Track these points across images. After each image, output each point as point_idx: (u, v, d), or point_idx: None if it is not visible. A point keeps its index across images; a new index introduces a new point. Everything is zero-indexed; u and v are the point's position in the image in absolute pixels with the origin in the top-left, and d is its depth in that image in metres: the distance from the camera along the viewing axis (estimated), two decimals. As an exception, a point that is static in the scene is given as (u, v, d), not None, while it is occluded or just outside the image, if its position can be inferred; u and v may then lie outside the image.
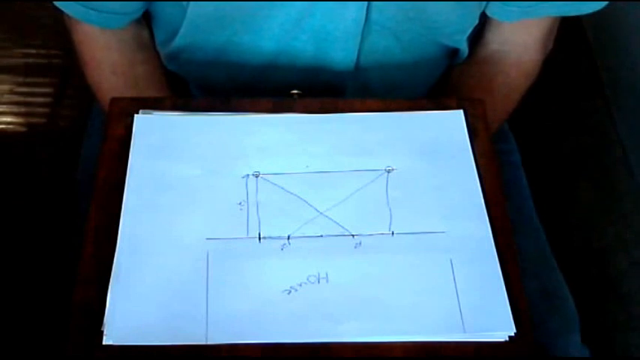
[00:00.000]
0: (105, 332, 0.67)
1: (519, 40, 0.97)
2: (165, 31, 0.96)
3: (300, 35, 0.90)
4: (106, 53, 0.96)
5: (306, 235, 0.74)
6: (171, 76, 1.00)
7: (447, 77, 1.01)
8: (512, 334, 0.68)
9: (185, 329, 0.68)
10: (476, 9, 0.92)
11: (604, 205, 1.56)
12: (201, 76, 0.99)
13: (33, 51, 1.75)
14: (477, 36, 0.99)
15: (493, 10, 0.94)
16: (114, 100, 0.83)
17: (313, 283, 0.71)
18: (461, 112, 0.83)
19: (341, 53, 0.92)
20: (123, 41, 0.97)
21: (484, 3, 0.92)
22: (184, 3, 0.89)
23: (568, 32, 1.06)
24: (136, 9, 0.94)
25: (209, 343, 0.67)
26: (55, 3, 0.92)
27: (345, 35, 0.90)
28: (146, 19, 0.99)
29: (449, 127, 0.82)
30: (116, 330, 0.67)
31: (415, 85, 1.01)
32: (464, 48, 0.96)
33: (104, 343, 0.67)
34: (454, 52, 0.97)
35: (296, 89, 0.85)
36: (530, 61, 0.99)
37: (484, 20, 0.97)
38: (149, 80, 0.97)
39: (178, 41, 0.93)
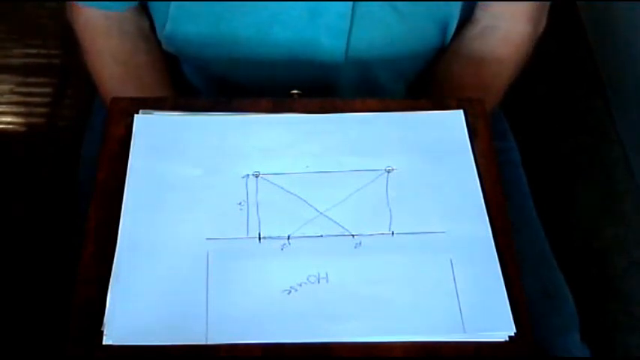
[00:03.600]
0: (105, 332, 0.67)
1: (507, 14, 0.99)
2: (159, 15, 0.96)
3: (291, 6, 0.90)
4: (107, 41, 0.97)
5: (306, 235, 0.74)
6: (175, 69, 1.01)
7: (440, 61, 1.01)
8: (512, 334, 0.68)
9: (185, 329, 0.68)
10: None
11: (604, 205, 1.56)
12: (196, 56, 0.99)
13: (33, 51, 1.75)
14: (468, 17, 0.99)
15: None
16: (114, 100, 0.83)
17: (313, 283, 0.71)
18: (461, 112, 0.83)
19: (335, 18, 0.91)
20: (124, 30, 0.97)
21: None
22: None
23: (567, 32, 1.06)
24: None
25: (209, 343, 0.67)
26: None
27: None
28: (145, 9, 0.99)
29: (449, 127, 0.82)
30: (116, 330, 0.68)
31: (408, 67, 1.00)
32: (453, 20, 0.96)
33: (104, 343, 0.67)
34: (445, 29, 0.98)
35: (293, 77, 0.85)
36: (520, 36, 1.00)
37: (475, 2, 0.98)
38: (150, 69, 0.97)
39: (170, 26, 0.94)
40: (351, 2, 0.90)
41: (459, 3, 0.96)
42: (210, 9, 0.92)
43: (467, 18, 1.00)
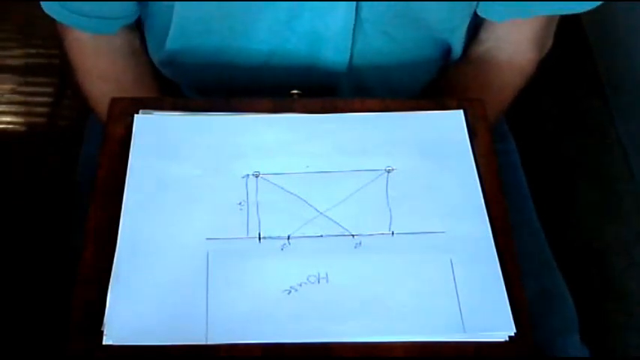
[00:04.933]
0: (105, 332, 0.67)
1: (513, 38, 0.98)
2: (156, 37, 0.96)
3: (291, 36, 0.90)
4: (95, 60, 0.96)
5: (306, 235, 0.74)
6: (166, 82, 1.00)
7: (442, 77, 1.01)
8: (512, 334, 0.68)
9: (185, 329, 0.68)
10: (465, 8, 0.93)
11: (604, 205, 1.56)
12: (195, 80, 0.99)
13: (33, 51, 1.75)
14: (473, 36, 0.99)
15: (483, 10, 0.94)
16: (114, 100, 0.83)
17: (313, 283, 0.71)
18: (461, 112, 0.83)
19: (333, 52, 0.92)
20: (113, 47, 0.96)
21: (474, 2, 0.93)
22: (172, 8, 0.89)
23: (567, 32, 1.06)
24: (126, 14, 0.93)
25: (209, 343, 0.67)
26: (46, 11, 0.92)
27: (336, 34, 0.90)
28: (138, 26, 0.99)
29: (449, 127, 0.82)
30: (116, 330, 0.68)
31: (410, 85, 1.01)
32: (457, 47, 0.96)
33: (104, 343, 0.67)
34: (448, 51, 0.98)
35: (292, 90, 0.86)
36: (524, 60, 0.99)
37: (479, 20, 0.98)
38: (139, 86, 0.96)
39: (169, 47, 0.94)
40: (350, 38, 0.90)
41: (461, 30, 0.95)
42: (209, 36, 0.92)
43: (473, 35, 1.00)
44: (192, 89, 1.02)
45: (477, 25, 0.99)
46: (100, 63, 0.96)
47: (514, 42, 0.98)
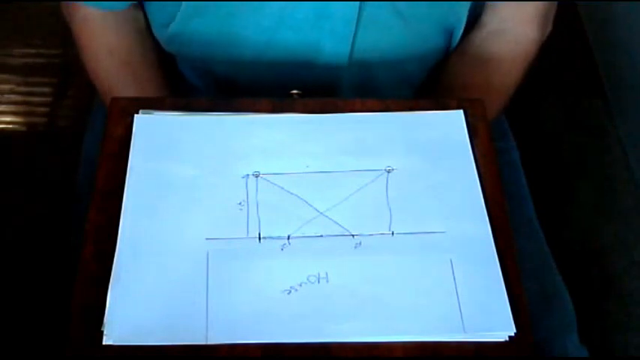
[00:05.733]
0: (105, 332, 0.67)
1: (515, 18, 0.99)
2: (164, 13, 0.96)
3: (298, 8, 0.90)
4: (102, 37, 0.98)
5: (306, 235, 0.74)
6: (171, 74, 1.01)
7: (445, 67, 1.01)
8: (512, 334, 0.68)
9: (185, 329, 0.68)
10: None
11: (603, 205, 1.56)
12: (200, 57, 0.99)
13: (33, 51, 1.75)
14: (474, 23, 0.99)
15: None
16: (114, 100, 0.83)
17: (313, 283, 0.71)
18: (461, 112, 0.83)
19: (340, 24, 0.91)
20: (120, 28, 0.98)
21: None
22: None
23: (567, 32, 1.06)
24: None
25: (209, 343, 0.67)
26: None
27: (342, 6, 0.90)
28: (142, 7, 1.00)
29: (449, 127, 0.82)
30: (116, 330, 0.68)
31: (410, 76, 1.00)
32: (458, 28, 0.96)
33: (104, 343, 0.67)
34: (449, 38, 0.97)
35: (295, 79, 0.85)
36: (527, 41, 0.99)
37: (482, 5, 0.98)
38: (146, 66, 0.98)
39: (170, 31, 0.94)
40: (357, 7, 0.90)
41: (467, 9, 0.95)
42: (218, 10, 0.92)
43: (473, 21, 1.00)
44: (196, 78, 1.02)
45: (476, 11, 0.99)
46: (107, 41, 0.98)
47: (517, 22, 0.98)
